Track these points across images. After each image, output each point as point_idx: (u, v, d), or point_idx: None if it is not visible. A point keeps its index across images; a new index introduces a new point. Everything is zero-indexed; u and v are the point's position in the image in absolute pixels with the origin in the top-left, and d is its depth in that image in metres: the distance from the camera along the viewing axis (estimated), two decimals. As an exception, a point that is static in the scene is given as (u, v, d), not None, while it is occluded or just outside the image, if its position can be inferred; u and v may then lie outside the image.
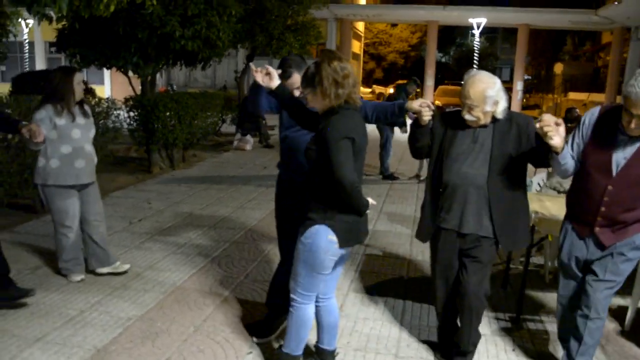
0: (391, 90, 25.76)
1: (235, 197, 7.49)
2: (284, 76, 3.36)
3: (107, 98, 7.89)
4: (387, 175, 9.41)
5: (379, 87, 35.20)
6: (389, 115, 3.26)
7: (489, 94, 2.87)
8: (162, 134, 8.85)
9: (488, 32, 38.90)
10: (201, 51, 8.54)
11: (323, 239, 2.74)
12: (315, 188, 2.78)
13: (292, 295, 2.94)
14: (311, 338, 3.15)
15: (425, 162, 5.55)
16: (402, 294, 4.34)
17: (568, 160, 2.82)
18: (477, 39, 24.72)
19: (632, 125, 2.61)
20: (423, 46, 28.73)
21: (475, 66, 23.91)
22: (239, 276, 4.58)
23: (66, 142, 4.11)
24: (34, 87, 10.41)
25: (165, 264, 4.80)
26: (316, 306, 3.03)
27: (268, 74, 3.05)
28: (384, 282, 4.59)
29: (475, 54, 24.76)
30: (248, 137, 12.47)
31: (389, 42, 39.28)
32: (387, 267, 4.94)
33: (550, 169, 4.61)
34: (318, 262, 2.80)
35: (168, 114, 8.92)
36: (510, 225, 3.04)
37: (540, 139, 2.72)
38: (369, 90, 33.86)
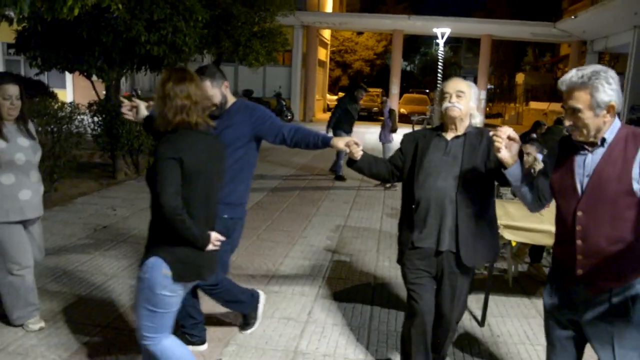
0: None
1: (201, 203, 7.40)
2: None
3: (71, 102, 7.72)
4: (339, 176, 9.95)
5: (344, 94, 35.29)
6: (311, 145, 3.17)
7: (475, 90, 2.99)
8: (127, 140, 8.70)
9: (452, 42, 39.69)
10: (167, 56, 8.45)
11: (158, 273, 2.45)
12: (153, 214, 2.52)
13: (141, 342, 2.53)
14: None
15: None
16: (369, 299, 4.38)
17: (520, 181, 2.48)
18: (441, 48, 25.17)
19: (567, 122, 2.25)
20: (388, 54, 29.06)
21: (439, 75, 24.38)
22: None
23: (7, 171, 3.36)
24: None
25: (131, 271, 4.72)
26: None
27: (134, 107, 2.93)
28: (352, 288, 4.62)
29: (440, 63, 25.25)
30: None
31: (355, 50, 39.54)
32: (355, 274, 4.98)
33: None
34: (158, 300, 2.46)
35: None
36: (475, 241, 2.88)
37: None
38: (335, 97, 34.03)
